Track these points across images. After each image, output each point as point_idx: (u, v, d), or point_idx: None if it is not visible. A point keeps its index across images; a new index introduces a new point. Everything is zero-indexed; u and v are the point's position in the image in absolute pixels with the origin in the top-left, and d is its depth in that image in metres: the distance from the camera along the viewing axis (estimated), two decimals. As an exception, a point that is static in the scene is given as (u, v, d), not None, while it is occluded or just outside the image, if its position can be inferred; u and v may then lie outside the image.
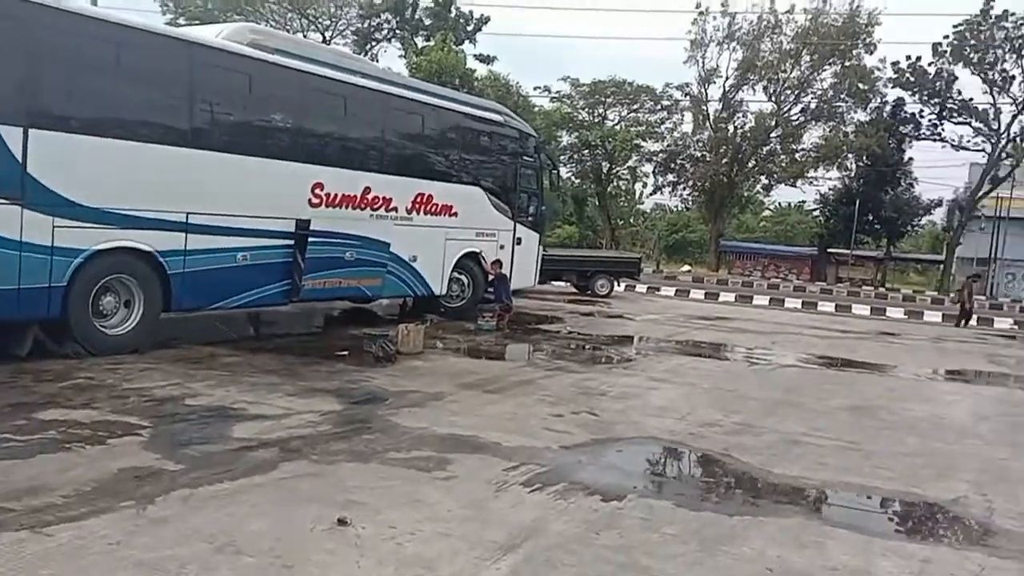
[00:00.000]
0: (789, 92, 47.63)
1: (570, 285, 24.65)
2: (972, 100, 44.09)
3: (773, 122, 47.32)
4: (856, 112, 47.17)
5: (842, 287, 41.35)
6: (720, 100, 48.34)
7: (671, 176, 51.05)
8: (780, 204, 71.58)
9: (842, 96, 46.37)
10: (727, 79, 47.76)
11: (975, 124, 44.70)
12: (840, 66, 45.67)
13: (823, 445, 7.25)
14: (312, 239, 11.13)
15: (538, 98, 46.77)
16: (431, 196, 13.43)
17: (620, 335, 15.22)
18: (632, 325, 17.34)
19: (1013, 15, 41.77)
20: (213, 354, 9.62)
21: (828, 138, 46.75)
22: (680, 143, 49.52)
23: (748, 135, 47.96)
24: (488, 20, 42.83)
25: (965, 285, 24.72)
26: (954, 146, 45.55)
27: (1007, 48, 42.44)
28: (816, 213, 55.86)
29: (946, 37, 43.34)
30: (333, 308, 15.00)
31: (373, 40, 43.91)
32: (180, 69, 9.54)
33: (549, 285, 23.72)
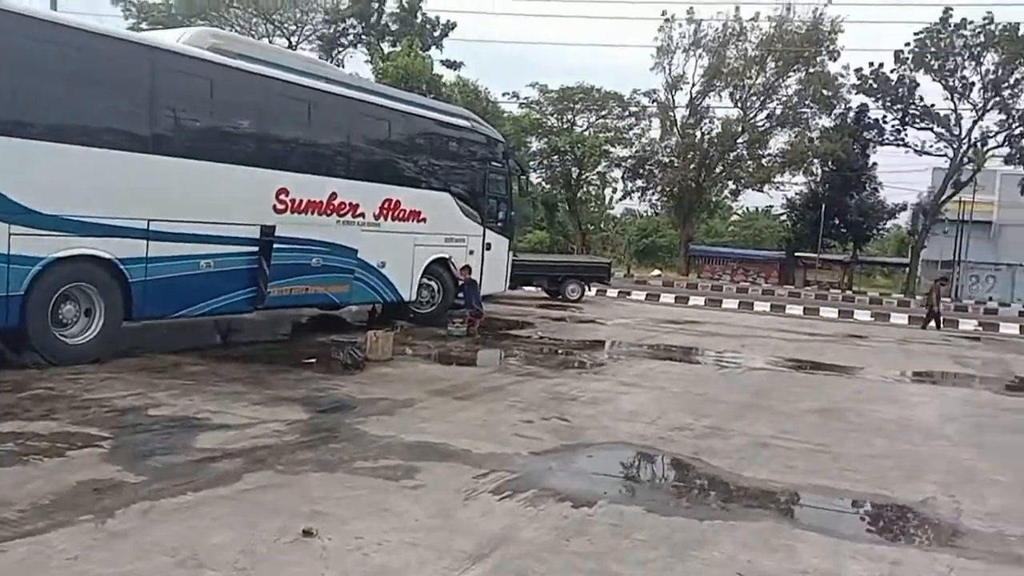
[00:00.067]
0: (755, 98, 48.05)
1: (541, 290, 24.67)
2: (934, 106, 44.81)
3: (739, 128, 47.71)
4: (821, 118, 47.73)
5: (810, 290, 41.79)
6: (687, 106, 48.65)
7: (640, 181, 51.27)
8: (748, 209, 72.24)
9: (807, 102, 46.85)
10: (694, 86, 48.11)
11: (937, 130, 45.39)
12: (804, 73, 46.18)
13: (792, 448, 7.27)
14: (277, 246, 11.01)
15: (507, 104, 46.90)
16: (399, 202, 13.35)
17: (591, 340, 15.22)
18: (603, 330, 17.35)
19: (971, 23, 42.54)
20: (177, 363, 9.45)
21: (794, 144, 47.25)
22: (648, 149, 49.78)
23: (715, 141, 48.33)
24: (455, 26, 42.87)
25: (933, 288, 25.05)
26: (917, 151, 46.24)
27: (966, 55, 43.18)
28: (783, 218, 56.39)
29: (907, 44, 44.02)
30: (301, 315, 14.83)
31: (339, 45, 43.68)
32: (140, 74, 9.39)
33: (520, 290, 23.70)
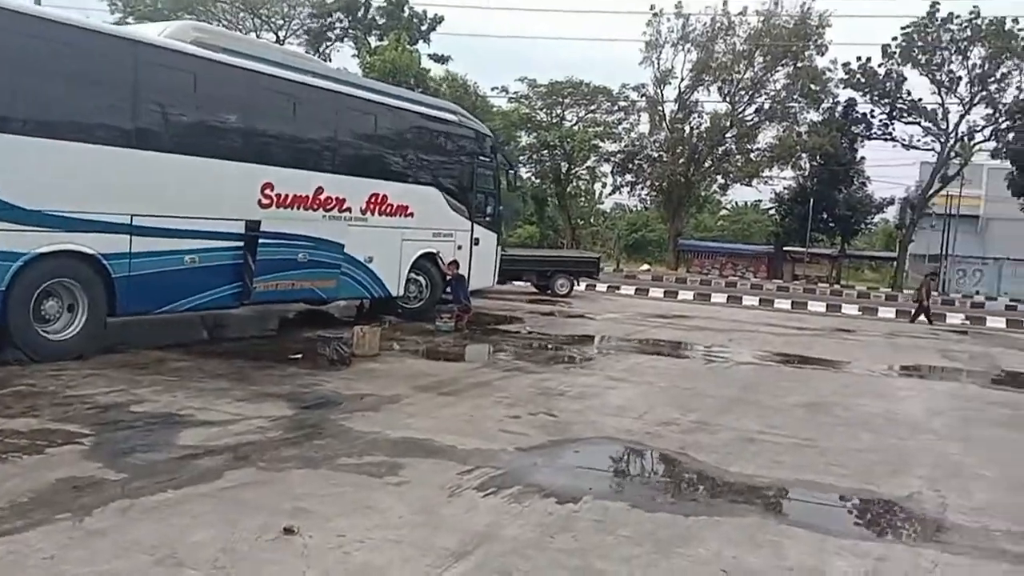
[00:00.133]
0: (743, 93, 48.07)
1: (530, 285, 24.62)
2: (921, 100, 45.06)
3: (728, 122, 47.74)
4: (809, 112, 47.83)
5: (798, 284, 41.92)
6: (676, 101, 48.62)
7: (629, 176, 51.23)
8: (737, 203, 72.42)
9: (795, 97, 46.94)
10: (682, 80, 48.05)
11: (924, 124, 45.63)
12: (792, 67, 46.23)
13: (779, 443, 7.26)
14: (263, 240, 10.92)
15: (496, 98, 46.79)
16: (386, 196, 13.27)
17: (579, 335, 15.19)
18: (592, 324, 17.34)
19: (958, 17, 42.77)
20: (162, 359, 9.37)
21: (782, 138, 47.32)
22: (637, 143, 49.72)
23: (704, 135, 48.35)
24: (442, 20, 42.81)
25: (923, 283, 25.16)
26: (904, 145, 46.49)
27: (953, 50, 43.38)
28: (772, 212, 56.49)
29: (895, 39, 44.20)
30: (288, 310, 14.74)
31: (326, 40, 43.46)
32: (122, 68, 9.28)
33: (509, 285, 23.65)
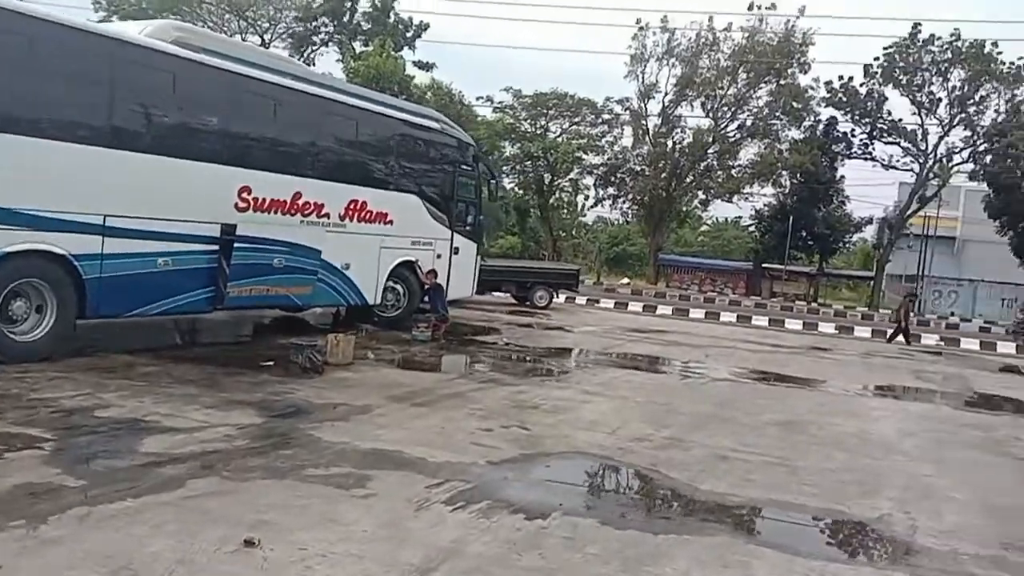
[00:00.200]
0: (726, 109, 48.38)
1: (510, 296, 24.56)
2: (901, 121, 45.45)
3: (710, 138, 48.01)
4: (790, 130, 48.14)
5: (776, 302, 42.10)
6: (659, 115, 48.87)
7: (611, 189, 51.38)
8: (717, 219, 72.73)
9: (777, 114, 47.27)
10: (666, 94, 48.33)
11: (904, 144, 46.03)
12: (775, 84, 46.60)
13: (751, 461, 7.23)
14: (238, 245, 10.77)
15: (481, 108, 46.79)
16: (365, 203, 13.16)
17: (556, 347, 15.14)
18: (569, 337, 17.29)
19: (939, 40, 43.21)
20: (131, 363, 9.22)
21: (763, 155, 47.59)
22: (620, 157, 49.90)
23: (686, 150, 48.57)
24: (427, 27, 42.74)
25: (902, 304, 25.36)
26: (884, 165, 46.85)
27: (933, 71, 43.85)
28: (752, 228, 56.77)
29: (876, 59, 44.57)
30: (263, 316, 14.59)
31: (311, 44, 43.31)
32: (99, 66, 9.15)
33: (489, 295, 23.60)
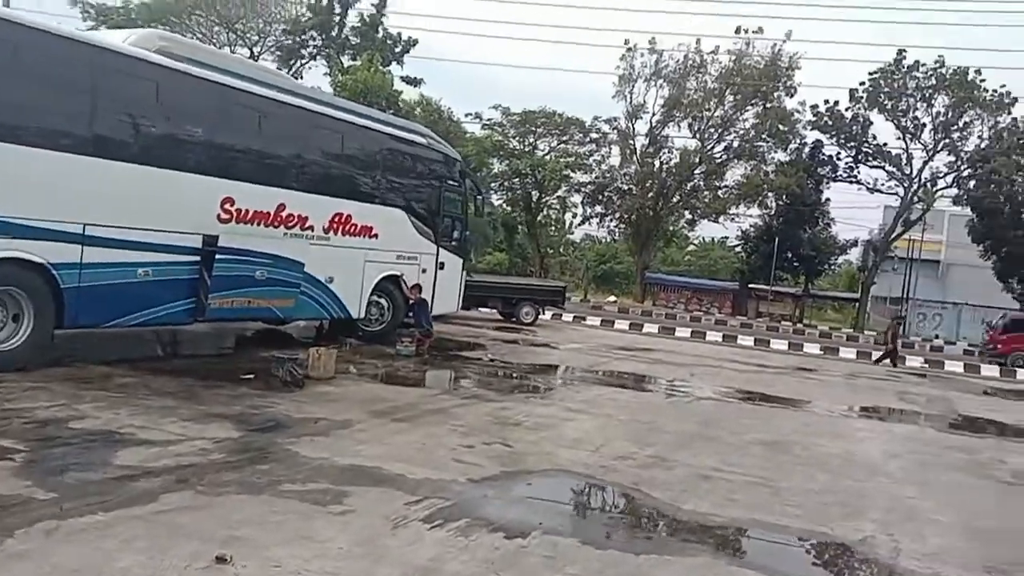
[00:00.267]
0: (713, 130, 48.61)
1: (496, 312, 24.50)
2: (886, 145, 45.84)
3: (697, 159, 48.21)
4: (776, 152, 48.36)
5: (762, 322, 42.21)
6: (647, 135, 49.05)
7: (599, 207, 51.47)
8: (704, 239, 73.02)
9: (763, 136, 47.51)
10: (654, 115, 48.49)
11: (889, 168, 46.40)
12: (762, 107, 46.87)
13: (734, 480, 7.17)
14: (220, 256, 10.66)
15: (470, 124, 46.80)
16: (350, 216, 13.08)
17: (541, 364, 15.06)
18: (555, 354, 17.22)
19: (924, 65, 43.68)
20: (108, 374, 9.08)
21: (749, 176, 47.81)
22: (608, 175, 49.98)
23: (673, 170, 48.74)
24: (416, 43, 42.72)
25: (890, 326, 25.45)
26: (869, 189, 47.19)
27: (918, 97, 44.30)
28: (738, 249, 57.00)
29: (862, 84, 44.99)
30: (246, 329, 14.44)
31: (300, 57, 43.27)
32: (81, 73, 9.05)
33: (475, 311, 23.55)
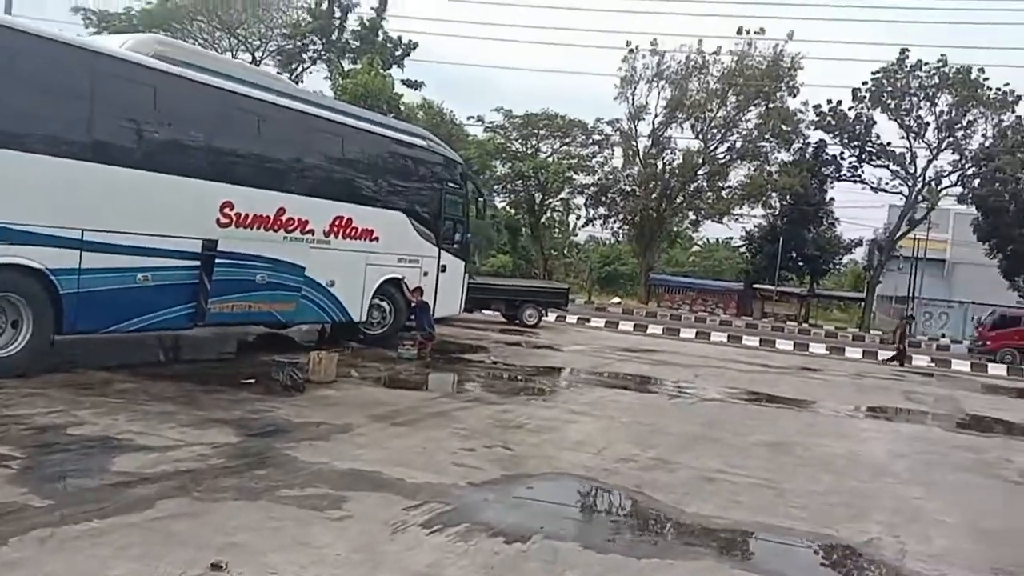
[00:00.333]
0: (716, 131, 48.57)
1: (499, 314, 24.45)
2: (890, 144, 45.76)
3: (700, 160, 48.15)
4: (780, 152, 48.33)
5: (767, 322, 42.12)
6: (649, 136, 49.05)
7: (602, 209, 51.43)
8: (708, 240, 72.94)
9: (766, 136, 47.46)
10: (656, 116, 48.50)
11: (893, 168, 46.31)
12: (764, 107, 46.83)
13: (738, 482, 7.09)
14: (219, 260, 10.63)
15: (472, 127, 46.87)
16: (351, 219, 13.04)
17: (544, 366, 14.99)
18: (558, 356, 17.16)
19: (926, 64, 43.60)
20: (108, 380, 9.04)
21: (753, 177, 47.73)
22: (611, 177, 49.96)
23: (676, 171, 48.68)
24: (416, 46, 42.70)
25: (899, 326, 25.37)
26: (873, 188, 47.10)
27: (921, 96, 44.20)
28: (742, 249, 56.90)
29: (865, 83, 44.93)
30: (248, 333, 14.42)
31: (300, 61, 43.29)
32: (78, 78, 9.02)
33: (479, 314, 23.51)
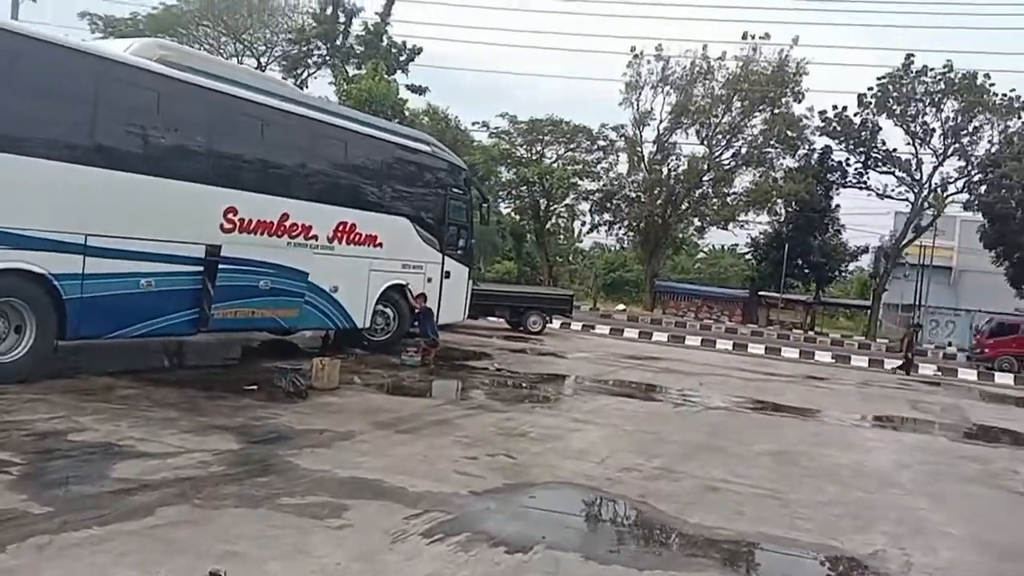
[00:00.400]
0: (721, 137, 48.51)
1: (503, 321, 24.41)
2: (896, 151, 45.59)
3: (705, 166, 48.09)
4: (785, 158, 48.12)
5: (772, 330, 41.95)
6: (654, 142, 48.99)
7: (607, 215, 51.40)
8: (714, 246, 72.79)
9: (771, 142, 47.30)
10: (661, 122, 48.46)
11: (898, 174, 46.12)
12: (769, 113, 46.74)
13: (742, 492, 7.04)
14: (223, 266, 10.62)
15: (477, 133, 46.88)
16: (354, 225, 13.03)
17: (548, 373, 14.95)
18: (562, 363, 17.11)
19: (932, 70, 43.51)
20: (110, 385, 9.04)
21: (758, 183, 47.62)
22: (616, 183, 49.92)
23: (681, 178, 48.63)
24: (420, 51, 42.66)
25: (906, 334, 25.28)
26: (879, 195, 46.91)
27: (927, 102, 44.07)
28: (748, 256, 56.79)
29: (870, 89, 44.80)
30: (252, 339, 14.41)
31: (305, 66, 43.38)
32: (81, 83, 9.04)
33: (484, 320, 23.47)
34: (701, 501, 6.63)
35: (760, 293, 51.98)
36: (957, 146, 44.15)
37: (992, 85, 42.58)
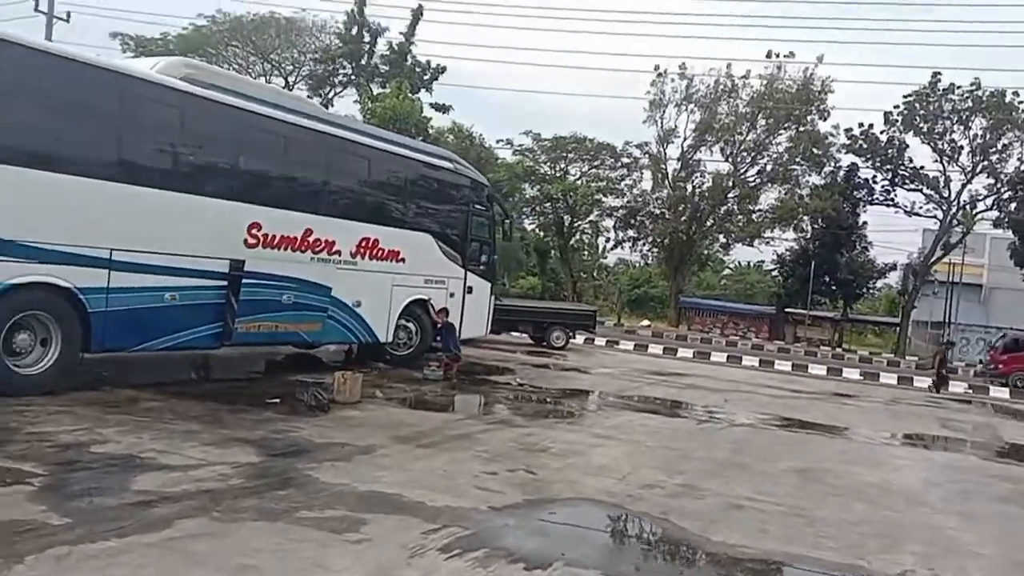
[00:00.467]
0: (745, 154, 48.42)
1: (527, 336, 24.37)
2: (923, 168, 45.22)
3: (730, 183, 47.98)
4: (811, 175, 48.01)
5: (799, 346, 41.57)
6: (678, 160, 49.02)
7: (631, 232, 51.42)
8: (740, 263, 72.43)
9: (797, 160, 47.17)
10: (685, 139, 48.53)
11: (926, 191, 45.75)
12: (795, 131, 46.58)
13: (767, 510, 6.91)
14: (247, 280, 10.69)
15: (501, 150, 47.11)
16: (377, 241, 13.09)
17: (571, 388, 14.86)
18: (585, 379, 17.01)
19: (959, 88, 43.18)
20: (134, 398, 9.08)
21: (784, 200, 47.43)
22: (640, 200, 49.94)
23: (706, 194, 48.56)
24: (444, 70, 43.10)
25: (938, 352, 24.92)
26: (907, 212, 46.56)
27: (954, 119, 43.72)
28: (774, 273, 56.42)
29: (897, 107, 44.58)
30: (276, 353, 14.47)
31: (331, 85, 43.90)
32: (108, 100, 9.16)
33: (508, 336, 23.44)
34: (725, 519, 6.51)
35: (787, 310, 51.59)
36: (986, 164, 43.74)
37: (1021, 103, 42.19)
